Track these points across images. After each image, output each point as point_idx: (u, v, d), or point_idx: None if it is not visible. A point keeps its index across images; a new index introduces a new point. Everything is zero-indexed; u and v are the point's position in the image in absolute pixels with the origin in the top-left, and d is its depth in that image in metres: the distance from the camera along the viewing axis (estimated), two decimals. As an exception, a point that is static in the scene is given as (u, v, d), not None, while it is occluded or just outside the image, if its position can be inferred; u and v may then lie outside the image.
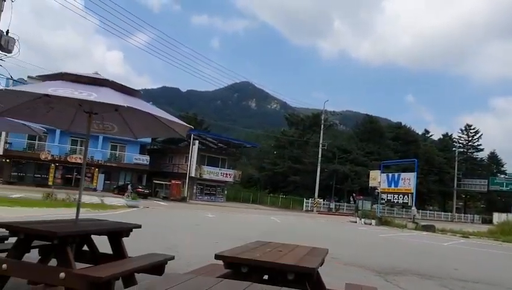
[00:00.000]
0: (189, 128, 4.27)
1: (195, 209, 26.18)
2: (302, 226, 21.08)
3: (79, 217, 4.30)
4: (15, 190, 25.93)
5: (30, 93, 3.59)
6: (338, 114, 61.89)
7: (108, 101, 3.30)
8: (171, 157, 46.88)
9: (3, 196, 17.50)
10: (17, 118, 4.40)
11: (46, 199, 18.33)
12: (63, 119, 4.56)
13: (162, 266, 4.25)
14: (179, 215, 19.89)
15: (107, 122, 4.65)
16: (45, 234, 3.50)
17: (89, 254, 4.49)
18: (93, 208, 16.38)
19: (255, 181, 64.23)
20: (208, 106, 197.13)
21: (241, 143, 51.42)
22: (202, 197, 43.27)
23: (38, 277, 3.71)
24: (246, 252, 3.08)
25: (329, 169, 54.87)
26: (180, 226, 14.01)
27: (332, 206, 50.87)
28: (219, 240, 10.51)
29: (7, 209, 12.22)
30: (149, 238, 8.40)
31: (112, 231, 4.30)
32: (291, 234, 14.57)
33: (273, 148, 66.07)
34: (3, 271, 3.54)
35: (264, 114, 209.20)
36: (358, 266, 8.08)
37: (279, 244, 3.85)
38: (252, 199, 52.27)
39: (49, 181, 35.68)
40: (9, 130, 5.65)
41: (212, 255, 7.88)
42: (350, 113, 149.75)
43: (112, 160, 40.29)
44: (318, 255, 3.27)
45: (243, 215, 25.54)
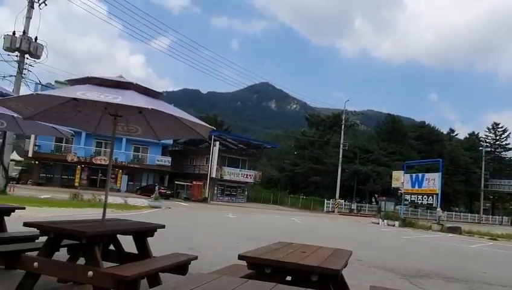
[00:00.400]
0: (211, 130, 4.31)
1: (216, 210, 26.37)
2: (323, 227, 20.90)
3: (105, 217, 4.41)
4: (43, 190, 26.84)
5: (59, 97, 3.71)
6: (359, 114, 60.96)
7: (133, 104, 3.37)
8: (192, 159, 47.42)
9: (32, 197, 18.16)
10: (47, 121, 4.55)
11: (73, 199, 18.88)
12: (90, 122, 4.69)
13: (185, 266, 4.30)
14: (200, 215, 20.09)
15: (131, 125, 4.75)
16: (74, 233, 3.60)
17: (115, 253, 4.60)
18: (118, 209, 16.74)
19: (275, 182, 64.13)
20: (228, 107, 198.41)
21: (261, 144, 51.45)
22: (223, 197, 43.54)
23: (68, 275, 3.83)
24: (269, 252, 3.08)
25: (350, 169, 54.16)
26: (202, 227, 14.14)
27: (354, 207, 50.16)
28: (240, 240, 10.55)
29: (36, 209, 12.65)
30: (172, 238, 8.52)
31: (137, 231, 4.39)
32: (313, 235, 14.47)
33: (293, 148, 65.81)
34: (34, 269, 3.68)
35: (284, 115, 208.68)
36: (382, 268, 7.94)
37: (302, 245, 3.83)
38: (272, 200, 52.18)
39: (76, 182, 36.74)
40: (39, 133, 5.85)
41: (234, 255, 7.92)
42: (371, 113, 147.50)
43: (135, 161, 41.12)
44: (342, 257, 3.24)
45: (263, 215, 25.54)
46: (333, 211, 46.38)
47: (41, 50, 19.21)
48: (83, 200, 18.94)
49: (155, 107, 3.33)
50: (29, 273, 3.74)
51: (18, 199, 15.99)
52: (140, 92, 3.74)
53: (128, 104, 3.36)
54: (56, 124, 4.74)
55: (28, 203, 13.38)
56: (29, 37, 18.92)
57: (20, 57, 19.21)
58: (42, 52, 19.24)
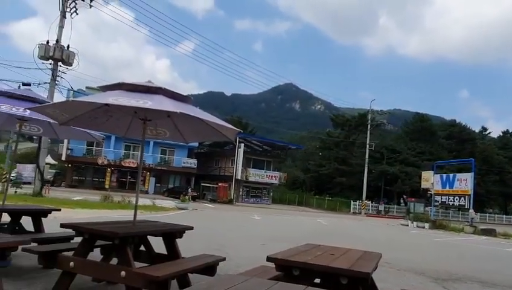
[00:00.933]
0: (238, 132, 4.35)
1: (241, 211, 26.50)
2: (350, 228, 20.58)
3: (136, 219, 4.54)
4: (76, 192, 27.83)
5: (93, 103, 3.86)
6: (385, 113, 59.60)
7: (162, 108, 3.46)
8: (217, 161, 47.88)
9: (66, 198, 18.87)
10: (80, 126, 4.74)
11: (104, 201, 19.46)
12: (120, 126, 4.84)
13: (213, 267, 4.36)
14: (226, 217, 20.24)
15: (160, 128, 4.87)
16: (107, 234, 3.72)
17: (145, 254, 4.72)
18: (146, 210, 17.13)
19: (300, 183, 63.75)
20: (252, 108, 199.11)
21: (286, 145, 51.29)
22: (248, 199, 43.71)
23: (102, 275, 3.97)
24: (297, 254, 3.08)
25: (377, 170, 53.09)
26: (228, 228, 14.25)
27: (382, 209, 49.09)
28: (266, 241, 10.56)
29: (70, 211, 13.14)
30: (198, 239, 8.63)
31: (167, 232, 4.48)
32: (339, 237, 14.29)
33: (318, 149, 65.20)
34: (70, 268, 3.83)
35: (308, 115, 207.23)
36: (413, 272, 7.74)
37: (330, 247, 3.80)
38: (297, 201, 51.89)
39: (106, 184, 37.89)
40: (73, 137, 6.09)
41: (260, 256, 7.92)
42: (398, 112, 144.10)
43: (162, 164, 41.95)
44: (372, 260, 3.19)
45: (289, 217, 25.44)
46: (360, 212, 45.59)
47: (73, 57, 20.03)
48: (113, 202, 19.49)
49: (183, 111, 3.40)
50: (65, 273, 3.89)
51: (53, 200, 16.66)
52: (169, 96, 3.83)
53: (158, 109, 3.45)
54: (89, 128, 4.92)
55: (62, 204, 13.91)
56: (61, 45, 19.76)
57: (53, 64, 20.08)
58: (74, 59, 20.06)
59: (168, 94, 3.88)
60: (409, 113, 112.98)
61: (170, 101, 3.75)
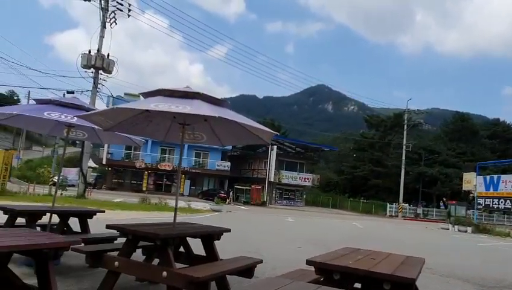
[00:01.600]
0: (275, 135, 4.37)
1: (275, 214, 26.46)
2: (387, 232, 20.01)
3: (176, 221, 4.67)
4: (116, 194, 28.93)
5: (135, 109, 4.02)
6: (423, 113, 57.50)
7: (201, 113, 3.54)
8: (250, 163, 48.15)
9: (107, 200, 19.66)
10: (122, 131, 4.94)
11: (142, 203, 20.09)
12: (160, 131, 5.00)
13: (251, 269, 4.39)
14: (259, 219, 20.29)
15: (198, 132, 4.98)
16: (150, 235, 3.85)
17: (185, 255, 4.84)
18: (182, 212, 17.50)
19: (334, 185, 62.80)
20: (284, 111, 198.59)
21: (319, 147, 50.74)
22: (281, 201, 43.60)
23: (144, 275, 4.10)
24: (337, 258, 3.04)
25: (414, 172, 51.31)
26: (262, 230, 14.28)
27: (420, 212, 47.32)
28: (301, 244, 10.49)
29: (111, 212, 13.67)
30: (233, 241, 8.71)
31: (205, 234, 4.57)
32: (377, 241, 13.92)
33: (352, 151, 63.96)
34: (115, 268, 3.99)
35: (341, 116, 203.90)
36: (456, 278, 7.41)
37: (370, 251, 3.72)
38: (331, 204, 51.13)
39: (143, 187, 39.14)
40: (116, 142, 6.35)
41: (296, 259, 7.88)
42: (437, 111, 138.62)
43: (196, 167, 42.75)
44: (415, 265, 3.10)
45: (323, 220, 25.12)
46: (397, 215, 44.20)
47: (113, 65, 20.95)
48: (150, 204, 20.08)
49: (221, 115, 3.46)
50: (111, 272, 4.06)
51: (95, 202, 17.42)
52: (206, 101, 3.91)
53: (197, 113, 3.53)
54: (130, 133, 5.11)
55: (103, 206, 14.52)
56: (102, 54, 20.72)
57: (95, 73, 21.09)
58: (113, 67, 20.99)
59: (206, 99, 3.96)
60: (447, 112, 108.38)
61: (208, 105, 3.83)
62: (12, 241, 2.43)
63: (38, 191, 20.05)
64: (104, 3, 21.21)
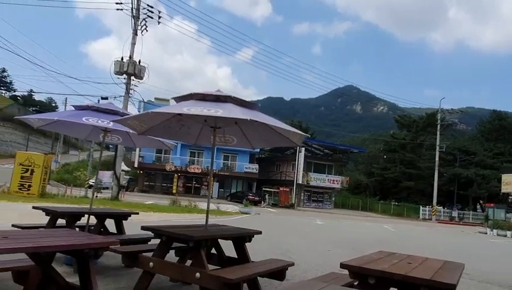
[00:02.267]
0: (305, 137, 4.35)
1: (303, 216, 26.27)
2: (420, 235, 19.38)
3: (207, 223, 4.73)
4: (147, 197, 29.69)
5: (169, 113, 4.12)
6: (457, 112, 55.29)
7: (233, 116, 3.58)
8: (278, 165, 48.09)
9: (139, 203, 20.20)
10: (155, 135, 5.07)
11: (172, 205, 20.50)
12: (191, 134, 5.09)
13: (283, 271, 4.38)
14: (288, 221, 20.20)
15: (228, 135, 5.03)
16: (183, 237, 3.93)
17: (216, 257, 4.89)
18: (211, 214, 17.70)
19: (363, 187, 61.57)
20: (312, 112, 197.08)
21: (348, 148, 49.96)
22: (310, 203, 43.25)
23: (178, 275, 4.18)
24: (372, 262, 2.99)
25: (449, 173, 49.46)
26: (291, 232, 14.20)
27: (455, 215, 45.51)
28: (331, 247, 10.36)
29: (143, 214, 14.05)
30: (263, 243, 8.72)
31: (237, 236, 4.61)
32: (410, 245, 13.53)
33: (382, 152, 62.55)
34: (150, 268, 4.10)
35: (370, 117, 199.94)
36: (497, 285, 7.07)
37: (406, 255, 3.62)
38: (361, 206, 50.13)
39: (173, 189, 39.93)
40: (148, 146, 6.53)
41: (327, 262, 7.78)
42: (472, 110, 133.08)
43: (225, 169, 43.14)
44: (454, 270, 2.99)
45: (352, 222, 24.67)
46: (430, 218, 42.72)
47: (144, 71, 21.60)
48: (180, 206, 20.45)
49: (253, 118, 3.48)
50: (146, 272, 4.17)
51: (128, 204, 17.93)
52: (237, 104, 3.95)
53: (229, 117, 3.57)
54: (163, 137, 5.24)
55: (136, 208, 14.94)
56: (134, 60, 21.40)
57: (127, 79, 21.80)
58: (144, 73, 21.63)
59: (237, 102, 4.00)
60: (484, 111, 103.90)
61: (239, 108, 3.87)
62: (57, 241, 2.55)
63: (75, 193, 20.89)
64: (135, 12, 21.92)
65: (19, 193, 16.28)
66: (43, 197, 16.32)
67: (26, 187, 16.48)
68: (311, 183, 42.21)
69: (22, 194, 16.18)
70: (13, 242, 2.27)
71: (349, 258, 3.10)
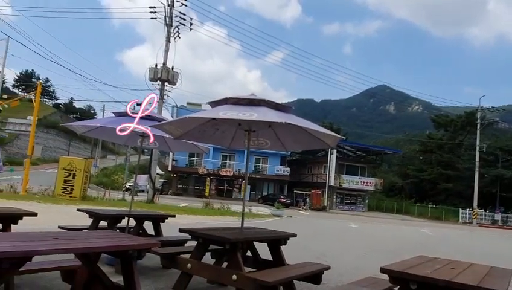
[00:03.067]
0: (340, 139, 4.31)
1: (336, 219, 25.86)
2: (461, 240, 18.55)
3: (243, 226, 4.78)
4: (180, 200, 30.33)
5: (205, 118, 4.21)
6: (498, 110, 52.51)
7: (268, 119, 3.61)
8: (309, 168, 47.69)
9: (173, 205, 20.69)
10: (191, 139, 5.19)
11: (205, 207, 20.83)
12: (225, 138, 5.18)
13: (319, 275, 4.35)
14: (321, 224, 19.96)
15: (262, 138, 5.07)
16: (219, 239, 3.99)
17: (252, 260, 4.92)
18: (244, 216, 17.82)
19: (398, 189, 59.81)
20: (343, 114, 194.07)
21: (381, 150, 48.75)
22: (342, 206, 42.55)
23: (215, 277, 4.25)
24: (413, 267, 2.90)
25: (490, 174, 47.06)
26: (325, 235, 14.03)
27: (498, 218, 43.20)
28: (366, 251, 10.15)
29: (179, 217, 14.35)
30: (296, 246, 8.63)
31: (272, 239, 4.62)
32: (450, 249, 12.98)
33: (418, 153, 60.52)
34: (188, 270, 4.19)
35: (404, 117, 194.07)
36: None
37: (448, 260, 3.49)
38: (396, 209, 48.70)
39: (206, 192, 40.56)
40: (183, 150, 6.68)
41: (362, 266, 7.61)
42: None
43: (256, 172, 43.32)
44: (503, 277, 2.85)
45: (388, 226, 24.01)
46: (471, 222, 40.80)
47: (177, 77, 22.20)
48: (213, 208, 20.74)
49: (288, 121, 3.50)
50: (184, 273, 4.27)
51: (163, 207, 18.41)
52: (272, 107, 3.98)
53: (264, 120, 3.61)
54: (198, 141, 5.36)
55: (170, 210, 15.30)
56: (167, 67, 22.03)
57: (161, 85, 22.47)
58: (177, 79, 22.22)
59: (271, 105, 4.03)
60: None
61: (274, 112, 3.89)
62: (104, 243, 2.68)
63: (113, 196, 21.69)
64: (168, 20, 22.57)
65: (62, 195, 17.13)
66: (84, 200, 17.08)
67: (68, 190, 17.30)
68: (343, 186, 41.53)
69: (65, 197, 17.01)
70: (64, 243, 2.41)
71: (386, 262, 3.03)
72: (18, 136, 55.92)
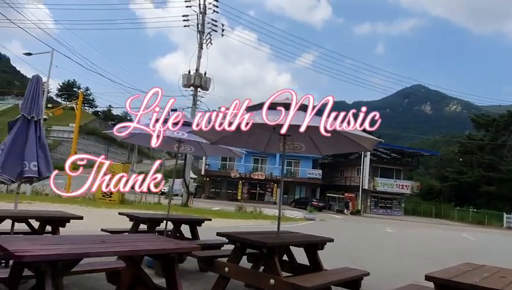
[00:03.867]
0: (379, 142, 4.22)
1: (371, 223, 25.24)
2: (506, 246, 17.55)
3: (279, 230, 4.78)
4: (213, 203, 30.72)
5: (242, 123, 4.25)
6: (545, 108, 49.53)
7: (303, 123, 3.59)
8: (342, 171, 46.91)
9: (207, 209, 20.99)
10: (226, 144, 5.27)
11: (238, 211, 20.97)
12: (260, 142, 5.21)
13: (358, 281, 4.27)
14: (355, 228, 19.57)
15: (297, 142, 5.06)
16: (257, 243, 4.01)
17: (288, 264, 4.90)
18: (277, 220, 17.79)
19: (436, 193, 57.47)
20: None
21: (418, 151, 47.13)
22: (377, 210, 41.46)
23: (253, 281, 4.26)
24: (460, 275, 2.79)
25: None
26: (360, 240, 13.74)
27: (549, 224, 40.43)
28: (404, 257, 9.84)
29: (213, 220, 14.55)
30: (331, 251, 8.51)
31: (309, 243, 4.59)
32: (495, 256, 12.31)
33: (457, 154, 57.93)
34: (225, 273, 4.24)
35: (442, 118, 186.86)
36: None
37: (497, 268, 3.33)
38: (434, 213, 46.83)
39: (238, 196, 40.87)
40: (218, 154, 6.79)
41: (401, 272, 7.38)
42: None
43: (288, 175, 43.12)
44: (560, 287, 2.68)
45: (426, 230, 23.14)
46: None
47: (209, 83, 22.62)
48: (245, 212, 20.85)
49: (326, 128, 3.47)
50: (221, 277, 4.32)
51: (197, 210, 18.72)
52: (306, 111, 3.96)
53: (299, 124, 3.60)
54: (233, 146, 5.42)
55: (204, 214, 15.54)
56: (200, 73, 22.50)
57: (194, 90, 22.97)
58: (210, 84, 22.64)
59: (306, 109, 4.01)
60: None
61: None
62: (148, 246, 2.77)
63: (149, 200, 22.32)
64: (201, 27, 23.06)
65: (102, 199, 17.85)
66: (122, 204, 17.71)
67: (108, 194, 18.00)
68: (378, 189, 40.47)
69: (105, 200, 17.71)
70: (112, 246, 2.51)
71: (425, 269, 2.94)
72: (61, 142, 58.93)
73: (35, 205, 13.16)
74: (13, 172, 4.23)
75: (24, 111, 4.47)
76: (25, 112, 4.46)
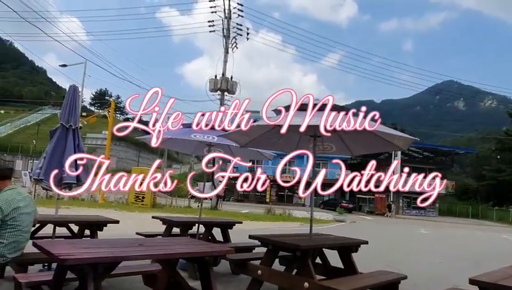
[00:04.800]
0: (414, 141, 4.10)
1: (404, 224, 24.53)
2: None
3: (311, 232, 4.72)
4: (242, 206, 30.86)
5: (270, 125, 4.26)
6: None
7: (335, 125, 3.54)
8: (371, 171, 45.92)
9: (236, 211, 21.12)
10: (256, 147, 5.28)
11: (267, 213, 20.95)
12: (290, 144, 5.18)
13: (395, 284, 4.16)
14: (388, 230, 19.07)
15: (327, 143, 4.99)
16: (290, 246, 3.98)
17: (321, 267, 4.83)
18: (307, 222, 17.61)
19: (472, 192, 55.16)
20: (406, 113, 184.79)
21: (451, 150, 45.48)
22: (410, 211, 40.28)
23: (286, 284, 4.23)
24: (508, 278, 2.65)
25: None
26: (394, 242, 13.37)
27: None
28: (441, 259, 9.48)
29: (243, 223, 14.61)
30: (364, 253, 8.34)
31: (343, 246, 4.51)
32: (541, 258, 11.63)
33: (494, 152, 55.37)
34: (258, 276, 4.23)
35: (476, 114, 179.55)
36: None
37: (548, 272, 3.13)
38: (470, 213, 44.93)
39: (266, 198, 40.83)
40: (247, 157, 6.83)
41: (439, 275, 7.12)
42: None
43: (316, 176, 42.71)
44: None
45: (462, 231, 22.21)
46: None
47: (236, 86, 22.81)
48: (274, 214, 20.79)
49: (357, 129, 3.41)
50: (254, 280, 4.32)
51: (226, 213, 18.87)
52: (337, 111, 3.91)
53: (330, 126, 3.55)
54: (263, 148, 5.42)
55: (233, 217, 15.64)
56: (226, 77, 22.74)
57: (221, 94, 23.23)
58: (236, 88, 22.83)
59: (335, 109, 3.96)
60: None
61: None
62: (184, 249, 2.81)
63: (179, 203, 22.72)
64: (226, 32, 23.32)
65: (135, 203, 18.34)
66: (154, 208, 18.12)
67: (140, 199, 18.49)
68: (410, 189, 39.32)
69: (138, 204, 18.19)
70: (149, 249, 2.57)
71: (464, 272, 2.82)
72: (95, 149, 61.07)
73: (73, 209, 13.68)
74: (54, 179, 4.42)
75: (62, 120, 4.66)
76: (64, 120, 4.65)
